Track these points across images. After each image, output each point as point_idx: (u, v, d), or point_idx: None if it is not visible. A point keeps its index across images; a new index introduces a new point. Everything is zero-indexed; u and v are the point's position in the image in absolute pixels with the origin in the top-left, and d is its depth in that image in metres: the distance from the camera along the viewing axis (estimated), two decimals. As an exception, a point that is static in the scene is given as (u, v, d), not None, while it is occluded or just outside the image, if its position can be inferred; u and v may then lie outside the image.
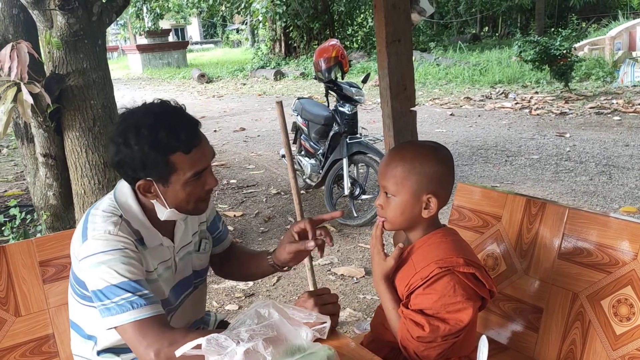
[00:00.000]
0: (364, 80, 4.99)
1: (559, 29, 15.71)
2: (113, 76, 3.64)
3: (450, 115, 8.93)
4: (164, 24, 26.96)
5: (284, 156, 5.76)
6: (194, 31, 44.08)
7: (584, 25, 18.07)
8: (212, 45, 39.07)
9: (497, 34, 22.47)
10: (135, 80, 19.90)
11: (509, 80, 11.52)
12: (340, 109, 4.60)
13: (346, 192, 4.46)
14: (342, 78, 4.89)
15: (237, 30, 35.79)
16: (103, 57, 3.40)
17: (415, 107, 2.89)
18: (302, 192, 5.26)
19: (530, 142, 6.76)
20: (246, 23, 24.63)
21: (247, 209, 5.09)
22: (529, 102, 9.31)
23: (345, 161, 4.43)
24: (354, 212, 4.55)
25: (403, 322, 1.38)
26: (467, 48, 16.96)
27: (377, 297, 3.21)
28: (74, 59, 3.23)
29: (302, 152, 5.25)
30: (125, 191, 1.43)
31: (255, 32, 25.11)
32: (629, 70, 9.94)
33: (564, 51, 9.45)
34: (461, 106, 9.67)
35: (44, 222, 3.62)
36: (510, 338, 1.76)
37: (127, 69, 24.17)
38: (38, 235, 3.68)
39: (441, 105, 9.89)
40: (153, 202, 1.41)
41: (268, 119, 10.00)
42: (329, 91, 4.82)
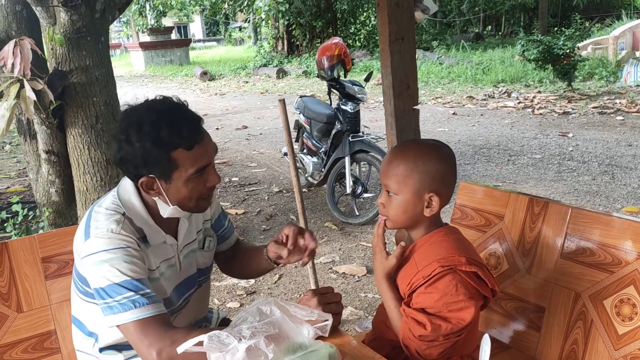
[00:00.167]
0: (367, 79, 4.98)
1: (562, 28, 15.67)
2: (115, 73, 3.65)
3: (453, 114, 8.92)
4: (167, 22, 27.01)
5: (286, 154, 5.75)
6: (196, 29, 44.12)
7: (587, 25, 18.02)
8: (214, 43, 39.10)
9: (500, 33, 22.42)
10: (137, 78, 19.92)
11: (511, 80, 11.50)
12: (343, 107, 4.60)
13: (348, 190, 4.46)
14: (345, 76, 4.88)
15: (240, 28, 35.76)
16: (106, 54, 3.40)
17: (417, 106, 2.88)
18: (304, 190, 5.25)
19: (532, 141, 6.74)
20: (249, 21, 24.61)
21: (249, 207, 5.09)
22: (532, 101, 9.28)
23: (347, 159, 4.43)
24: (356, 211, 4.55)
25: (405, 320, 1.38)
26: (470, 47, 16.94)
27: (378, 296, 3.21)
28: (76, 56, 3.24)
29: (304, 150, 5.25)
30: (128, 188, 1.43)
31: (258, 30, 25.09)
32: (632, 70, 9.91)
33: (567, 50, 9.43)
34: (464, 105, 9.66)
35: (46, 218, 3.63)
36: (512, 337, 1.76)
37: (130, 67, 24.21)
38: (40, 231, 3.68)
39: (444, 104, 9.88)
40: (156, 199, 1.41)
41: (270, 117, 10.00)
42: (332, 89, 4.81)
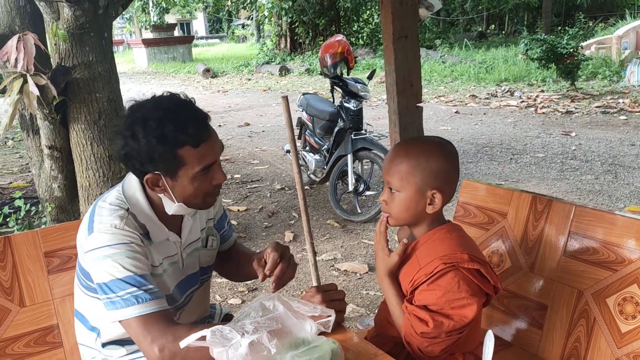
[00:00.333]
0: (370, 77, 4.97)
1: (566, 28, 15.64)
2: (118, 70, 3.64)
3: (456, 112, 8.90)
4: (170, 18, 27.03)
5: (288, 151, 5.76)
6: (199, 26, 44.11)
7: (591, 24, 17.97)
8: (217, 40, 39.06)
9: (503, 31, 22.39)
10: (140, 74, 19.93)
11: (514, 79, 11.48)
12: (346, 104, 4.59)
13: (350, 188, 4.46)
14: (348, 74, 4.87)
15: (243, 26, 35.73)
16: (109, 50, 3.40)
17: (421, 104, 2.88)
18: (306, 187, 5.25)
19: (535, 140, 6.73)
20: (252, 18, 24.59)
21: (251, 204, 5.09)
22: (535, 100, 9.27)
23: (349, 157, 4.43)
24: (358, 208, 4.55)
25: (407, 317, 1.37)
26: (473, 46, 16.91)
27: (380, 293, 3.21)
28: (80, 52, 3.24)
29: (307, 148, 5.25)
30: (133, 184, 1.43)
31: (261, 27, 25.06)
32: (635, 69, 9.89)
33: (571, 50, 9.41)
34: (466, 104, 9.65)
35: (48, 214, 3.63)
36: (514, 335, 1.75)
37: (133, 63, 24.21)
38: (43, 227, 3.69)
39: (446, 102, 9.86)
40: (161, 196, 1.40)
41: (273, 114, 10.00)
42: (335, 87, 4.80)
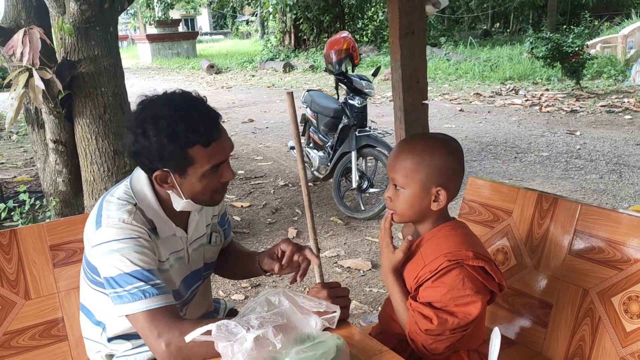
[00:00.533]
0: (374, 74, 4.96)
1: (571, 26, 15.59)
2: (122, 65, 3.64)
3: (460, 110, 8.89)
4: (174, 14, 27.01)
5: (292, 148, 5.75)
6: (203, 22, 44.11)
7: (596, 23, 17.91)
8: (221, 37, 39.08)
9: (508, 30, 22.32)
10: (144, 70, 19.95)
11: (519, 77, 11.45)
12: (350, 101, 4.58)
13: (354, 185, 4.46)
14: (353, 71, 4.87)
15: (247, 22, 35.74)
16: (114, 44, 3.40)
17: (426, 101, 2.87)
18: (309, 184, 5.25)
19: (540, 139, 6.72)
20: (256, 14, 24.60)
21: (254, 200, 5.10)
22: (540, 99, 9.24)
23: (353, 154, 4.42)
24: (362, 206, 4.55)
25: (411, 314, 1.37)
26: (477, 44, 16.87)
27: (383, 290, 3.21)
28: (85, 46, 3.24)
29: (311, 145, 5.24)
30: (141, 180, 1.43)
31: (265, 23, 25.06)
32: (641, 69, 9.85)
33: (576, 49, 9.38)
34: (471, 102, 9.63)
35: (53, 208, 3.64)
36: (519, 333, 1.75)
37: (137, 59, 24.23)
38: (47, 221, 3.70)
39: (451, 100, 9.85)
40: (169, 192, 1.40)
41: (277, 110, 9.99)
42: (339, 84, 4.80)
